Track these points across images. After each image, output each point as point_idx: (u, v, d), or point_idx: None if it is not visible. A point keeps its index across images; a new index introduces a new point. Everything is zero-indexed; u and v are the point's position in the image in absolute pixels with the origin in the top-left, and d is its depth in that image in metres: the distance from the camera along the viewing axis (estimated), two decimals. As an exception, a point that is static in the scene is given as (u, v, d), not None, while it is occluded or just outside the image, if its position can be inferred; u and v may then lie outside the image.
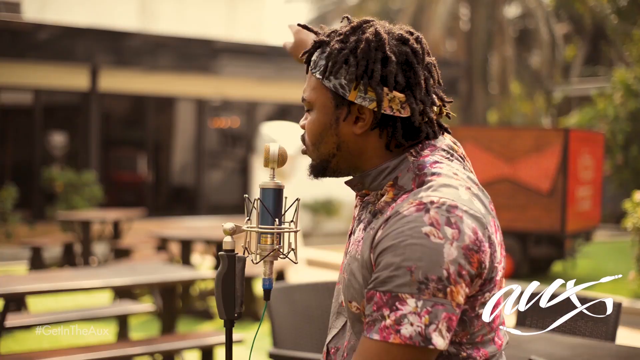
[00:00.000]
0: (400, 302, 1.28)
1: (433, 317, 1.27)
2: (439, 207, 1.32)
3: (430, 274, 1.27)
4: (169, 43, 13.15)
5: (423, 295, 1.27)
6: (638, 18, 13.04)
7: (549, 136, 9.08)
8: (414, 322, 1.27)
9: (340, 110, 1.45)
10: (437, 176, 1.39)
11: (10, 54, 11.61)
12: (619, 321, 2.71)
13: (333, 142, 1.47)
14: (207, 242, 6.89)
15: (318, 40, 1.49)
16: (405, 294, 1.28)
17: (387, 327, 1.29)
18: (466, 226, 1.31)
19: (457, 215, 1.32)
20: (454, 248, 1.29)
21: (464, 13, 20.47)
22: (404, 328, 1.27)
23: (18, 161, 12.43)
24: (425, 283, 1.27)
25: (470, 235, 1.31)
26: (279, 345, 3.06)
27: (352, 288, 1.43)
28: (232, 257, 1.47)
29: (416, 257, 1.28)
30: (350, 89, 1.42)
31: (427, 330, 1.27)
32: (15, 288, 3.72)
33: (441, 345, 1.28)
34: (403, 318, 1.27)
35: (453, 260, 1.28)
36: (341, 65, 1.43)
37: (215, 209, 13.78)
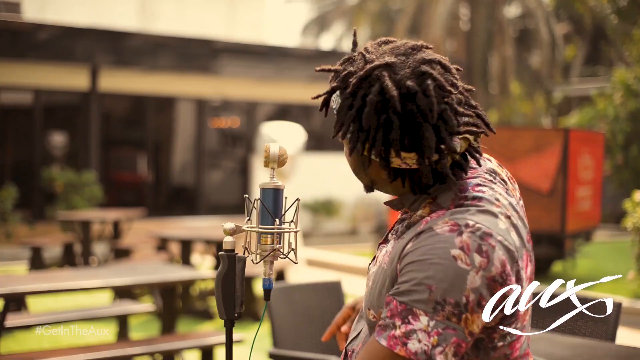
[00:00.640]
0: (414, 316, 1.28)
1: (442, 339, 1.27)
2: (473, 232, 1.30)
3: (449, 297, 1.27)
4: (169, 43, 13.15)
5: (437, 315, 1.27)
6: (638, 18, 13.04)
7: (549, 136, 9.08)
8: (422, 339, 1.27)
9: (363, 158, 1.43)
10: (478, 200, 1.37)
11: (10, 54, 11.61)
12: (619, 321, 2.71)
13: (366, 179, 1.48)
14: (207, 242, 6.89)
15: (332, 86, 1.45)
16: (420, 310, 1.28)
17: (396, 337, 1.29)
18: (496, 257, 1.29)
19: (489, 244, 1.30)
20: (479, 277, 1.28)
21: (464, 13, 20.47)
22: (411, 343, 1.28)
23: (18, 161, 12.43)
24: (442, 305, 1.27)
25: (498, 267, 1.29)
26: (279, 345, 3.06)
27: (372, 296, 1.44)
28: (232, 257, 1.47)
29: (439, 278, 1.27)
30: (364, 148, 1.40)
31: (433, 351, 1.27)
32: (15, 288, 3.72)
33: None
34: (412, 333, 1.28)
35: (475, 289, 1.27)
36: (348, 127, 1.40)
37: (215, 209, 13.78)
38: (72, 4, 15.07)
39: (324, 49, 18.59)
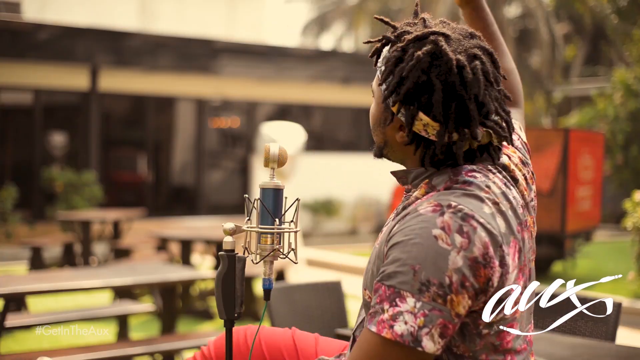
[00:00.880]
0: (401, 299, 1.28)
1: (428, 320, 1.27)
2: (454, 212, 1.31)
3: (433, 277, 1.27)
4: (169, 43, 13.15)
5: (423, 297, 1.27)
6: (638, 18, 13.04)
7: (549, 136, 9.07)
8: (409, 321, 1.27)
9: (386, 113, 1.46)
10: (468, 185, 1.38)
11: (10, 54, 11.60)
12: (619, 321, 2.71)
13: (381, 137, 1.50)
14: (207, 242, 6.89)
15: (385, 37, 1.49)
16: (406, 292, 1.28)
17: (384, 321, 1.29)
18: (477, 239, 1.30)
19: (470, 225, 1.30)
20: (460, 257, 1.28)
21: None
22: (397, 325, 1.28)
23: (18, 161, 12.43)
24: (427, 285, 1.27)
25: (480, 248, 1.30)
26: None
27: (367, 276, 1.45)
28: (232, 257, 1.47)
29: (421, 258, 1.28)
30: (395, 101, 1.42)
31: (419, 332, 1.27)
32: (15, 288, 3.72)
33: (431, 349, 1.28)
34: (399, 315, 1.28)
35: (457, 269, 1.27)
36: (391, 77, 1.42)
37: (215, 209, 13.78)
38: (72, 4, 15.08)
39: (324, 49, 18.61)
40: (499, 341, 1.39)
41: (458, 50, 1.39)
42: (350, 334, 2.87)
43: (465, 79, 1.36)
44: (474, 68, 1.38)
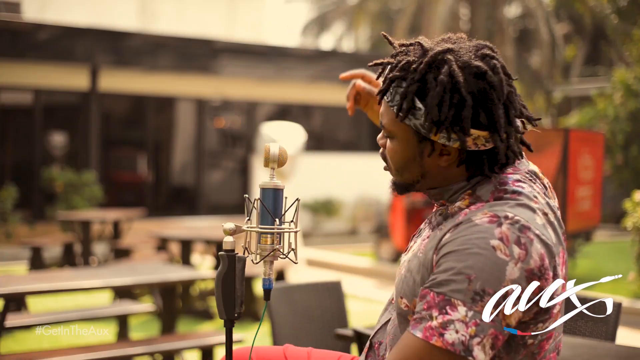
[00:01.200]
0: (452, 307, 1.27)
1: (480, 330, 1.26)
2: (512, 224, 1.31)
3: (488, 287, 1.26)
4: (169, 43, 13.15)
5: (475, 306, 1.26)
6: (638, 18, 13.04)
7: (549, 136, 9.07)
8: (460, 330, 1.26)
9: (423, 146, 1.43)
10: (517, 195, 1.38)
11: (10, 54, 11.60)
12: (619, 321, 2.71)
13: (417, 172, 1.47)
14: (207, 242, 6.89)
15: (392, 77, 1.44)
16: (458, 301, 1.27)
17: (432, 328, 1.28)
18: (534, 250, 1.30)
19: (527, 237, 1.30)
20: (518, 268, 1.28)
21: (464, 13, 20.47)
22: (448, 333, 1.27)
23: (18, 161, 12.43)
24: (481, 295, 1.26)
25: (537, 260, 1.30)
26: (279, 345, 3.06)
27: (406, 285, 1.43)
28: (232, 257, 1.47)
29: (478, 268, 1.27)
30: (431, 130, 1.40)
31: (470, 342, 1.26)
32: (15, 288, 3.72)
33: (481, 358, 1.27)
34: (450, 323, 1.27)
35: (513, 280, 1.27)
36: (419, 107, 1.40)
37: (215, 209, 13.78)
38: (72, 4, 15.08)
39: (324, 49, 18.61)
40: (538, 350, 1.39)
41: (471, 57, 1.40)
42: (350, 334, 2.87)
43: (491, 83, 1.38)
44: (494, 68, 1.40)
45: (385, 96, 1.46)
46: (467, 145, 1.39)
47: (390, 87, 1.44)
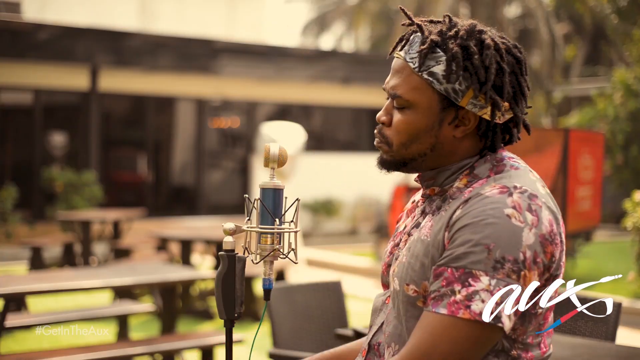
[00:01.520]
0: (474, 278, 1.29)
1: (505, 296, 1.28)
2: (521, 192, 1.35)
3: (508, 254, 1.29)
4: (169, 43, 13.15)
5: (497, 274, 1.28)
6: (638, 18, 13.04)
7: (549, 136, 9.08)
8: (486, 299, 1.27)
9: (445, 113, 1.44)
10: (516, 169, 1.43)
11: (10, 54, 11.60)
12: (619, 321, 2.71)
13: (429, 142, 1.47)
14: (207, 242, 6.89)
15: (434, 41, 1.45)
16: (480, 271, 1.29)
17: (457, 302, 1.28)
18: (544, 217, 1.34)
19: (537, 204, 1.35)
20: (532, 234, 1.31)
21: (464, 13, 20.46)
22: (474, 304, 1.27)
23: (18, 161, 12.43)
24: (502, 263, 1.28)
25: (547, 226, 1.34)
26: (279, 345, 3.06)
27: (412, 270, 1.43)
28: (232, 257, 1.47)
29: (496, 236, 1.30)
30: (464, 94, 1.42)
31: (497, 309, 1.27)
32: (15, 288, 3.72)
33: (508, 326, 1.29)
34: (475, 294, 1.28)
35: (530, 246, 1.31)
36: (460, 71, 1.41)
37: (215, 209, 13.78)
38: (72, 4, 15.08)
39: (324, 49, 18.61)
40: (543, 321, 1.42)
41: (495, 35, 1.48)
42: (350, 334, 2.87)
43: (519, 59, 1.47)
44: (515, 46, 1.48)
45: (411, 62, 1.46)
46: (499, 111, 1.43)
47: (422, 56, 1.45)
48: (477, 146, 1.47)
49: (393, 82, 1.48)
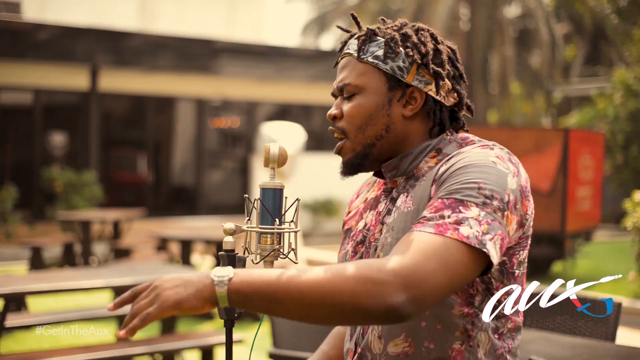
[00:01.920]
0: (465, 207, 1.31)
1: (491, 229, 1.31)
2: (501, 148, 1.43)
3: (496, 193, 1.33)
4: (169, 43, 13.15)
5: (486, 208, 1.32)
6: (638, 18, 13.04)
7: (549, 136, 9.08)
8: (474, 226, 1.29)
9: (393, 92, 1.50)
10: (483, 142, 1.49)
11: (10, 54, 11.61)
12: (619, 321, 2.71)
13: (383, 122, 1.51)
14: (207, 242, 6.89)
15: (371, 29, 1.54)
16: (471, 202, 1.32)
17: (446, 224, 1.30)
18: (522, 171, 1.41)
19: (516, 160, 1.42)
20: (514, 181, 1.37)
21: (464, 13, 20.47)
22: (463, 228, 1.29)
23: (18, 161, 12.43)
24: (490, 199, 1.32)
25: (525, 180, 1.40)
26: (279, 345, 3.06)
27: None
28: (232, 257, 1.47)
29: (484, 177, 1.34)
30: (409, 71, 1.49)
31: (483, 237, 1.29)
32: (15, 288, 3.72)
33: (494, 255, 1.30)
34: (464, 220, 1.30)
35: (513, 190, 1.36)
36: (400, 49, 1.49)
37: (215, 209, 13.78)
38: (72, 4, 15.08)
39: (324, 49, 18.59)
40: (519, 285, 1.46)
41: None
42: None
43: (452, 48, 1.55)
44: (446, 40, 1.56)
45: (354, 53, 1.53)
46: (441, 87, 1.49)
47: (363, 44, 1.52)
48: (427, 126, 1.52)
49: (341, 76, 1.55)
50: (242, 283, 1.20)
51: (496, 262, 1.31)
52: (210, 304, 1.22)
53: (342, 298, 1.19)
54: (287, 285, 1.21)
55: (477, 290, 1.41)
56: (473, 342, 1.42)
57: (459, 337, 1.41)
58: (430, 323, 1.42)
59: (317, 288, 1.20)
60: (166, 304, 1.20)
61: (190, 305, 1.21)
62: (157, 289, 1.22)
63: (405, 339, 1.44)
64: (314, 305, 1.20)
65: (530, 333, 2.70)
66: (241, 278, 1.21)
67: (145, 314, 1.20)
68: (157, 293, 1.22)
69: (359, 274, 1.21)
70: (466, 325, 1.41)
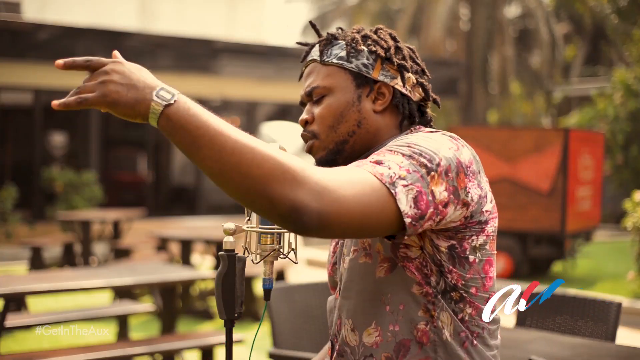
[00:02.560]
0: (391, 152, 1.34)
1: (410, 177, 1.29)
2: (443, 133, 1.44)
3: (425, 153, 1.33)
4: (169, 43, 13.15)
5: (412, 159, 1.32)
6: (638, 18, 13.05)
7: (549, 136, 9.08)
8: (393, 168, 1.29)
9: (362, 89, 1.52)
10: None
11: (10, 54, 11.61)
12: (619, 321, 2.71)
13: (355, 119, 1.52)
14: (207, 242, 6.89)
15: (331, 34, 1.56)
16: (398, 152, 1.33)
17: (367, 163, 1.31)
18: (464, 152, 1.40)
19: (458, 142, 1.42)
20: (451, 152, 1.37)
21: (464, 13, 20.48)
22: (380, 167, 1.29)
23: (18, 161, 12.43)
24: (418, 155, 1.33)
25: (466, 159, 1.39)
26: (279, 345, 3.06)
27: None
28: (232, 257, 1.47)
29: (417, 142, 1.36)
30: (374, 67, 1.52)
31: (397, 180, 1.27)
32: (15, 288, 3.72)
33: (402, 203, 1.26)
34: (385, 161, 1.31)
35: (446, 158, 1.34)
36: (362, 47, 1.52)
37: (215, 209, 13.78)
38: (72, 4, 15.08)
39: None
40: (484, 274, 1.44)
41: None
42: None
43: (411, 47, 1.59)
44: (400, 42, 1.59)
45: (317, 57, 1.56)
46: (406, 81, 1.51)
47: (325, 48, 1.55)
48: (397, 120, 1.54)
49: (307, 82, 1.57)
50: (176, 114, 1.18)
51: (407, 211, 1.27)
52: (141, 119, 1.22)
53: (256, 172, 1.16)
54: (213, 135, 1.17)
55: (431, 270, 1.41)
56: (437, 323, 1.42)
57: (423, 316, 1.42)
58: (393, 305, 1.44)
59: (239, 151, 1.16)
60: (104, 99, 1.22)
61: (123, 111, 1.22)
62: (106, 76, 1.23)
63: (376, 327, 1.46)
64: (227, 166, 1.17)
65: (530, 333, 2.70)
66: (178, 109, 1.18)
67: (83, 98, 1.23)
68: (103, 80, 1.22)
69: (284, 161, 1.18)
70: (427, 305, 1.42)
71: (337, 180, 1.22)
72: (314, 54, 1.57)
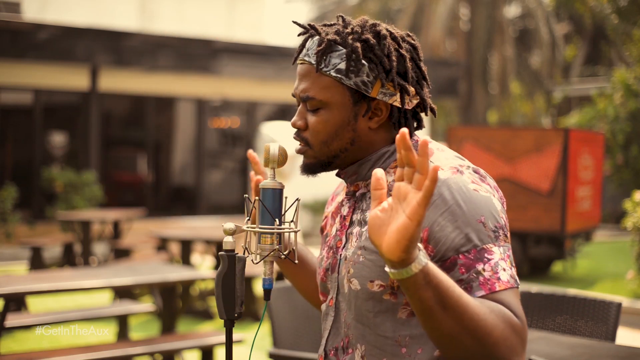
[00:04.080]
0: (488, 252, 1.32)
1: (510, 260, 1.35)
2: (467, 168, 1.40)
3: (495, 222, 1.34)
4: (169, 43, 13.15)
5: (499, 242, 1.34)
6: (638, 18, 13.04)
7: (549, 136, 9.08)
8: (505, 267, 1.32)
9: (358, 107, 1.47)
10: (442, 151, 1.47)
11: (10, 54, 11.61)
12: (619, 321, 2.71)
13: (348, 137, 1.49)
14: (207, 242, 6.89)
15: (331, 39, 1.47)
16: (489, 245, 1.33)
17: (488, 280, 1.30)
18: (492, 183, 1.42)
19: (483, 176, 1.41)
20: (497, 200, 1.38)
21: (464, 13, 20.47)
22: (501, 274, 1.31)
23: (18, 161, 12.43)
24: (496, 231, 1.34)
25: (499, 192, 1.42)
26: (279, 345, 3.06)
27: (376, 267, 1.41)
28: (232, 257, 1.47)
29: (479, 211, 1.34)
30: (373, 85, 1.45)
31: (512, 272, 1.33)
32: (15, 288, 3.72)
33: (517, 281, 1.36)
34: (497, 266, 1.32)
35: (501, 210, 1.37)
36: (363, 63, 1.45)
37: (215, 209, 13.78)
38: (72, 4, 15.08)
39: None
40: None
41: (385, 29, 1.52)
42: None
43: (414, 45, 1.51)
44: (408, 35, 1.52)
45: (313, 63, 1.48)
46: (408, 96, 1.46)
47: (323, 54, 1.46)
48: (392, 134, 1.51)
49: (303, 86, 1.50)
50: (433, 269, 1.19)
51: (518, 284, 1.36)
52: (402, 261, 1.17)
53: (488, 339, 1.22)
54: (458, 297, 1.20)
55: None
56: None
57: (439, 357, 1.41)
58: (410, 348, 1.41)
59: (477, 317, 1.21)
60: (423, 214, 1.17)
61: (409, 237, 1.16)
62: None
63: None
64: (465, 330, 1.21)
65: (530, 333, 2.70)
66: (434, 268, 1.20)
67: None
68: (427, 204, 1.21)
69: (507, 324, 1.25)
70: None
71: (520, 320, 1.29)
72: (310, 56, 1.48)
